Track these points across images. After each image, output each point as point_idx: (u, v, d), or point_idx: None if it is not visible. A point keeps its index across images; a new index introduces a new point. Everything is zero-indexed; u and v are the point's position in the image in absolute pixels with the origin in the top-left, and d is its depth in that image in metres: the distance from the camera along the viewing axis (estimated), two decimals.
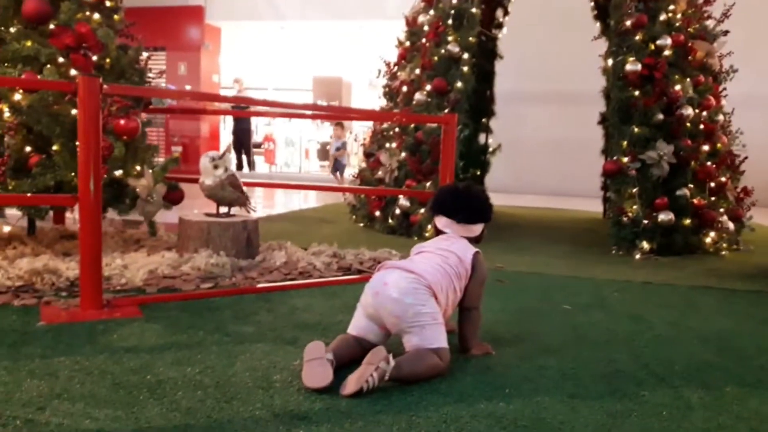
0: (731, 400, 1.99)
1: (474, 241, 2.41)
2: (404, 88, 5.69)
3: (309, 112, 8.07)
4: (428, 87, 5.38)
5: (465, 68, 5.32)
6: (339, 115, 9.32)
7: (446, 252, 2.27)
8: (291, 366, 2.11)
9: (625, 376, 2.16)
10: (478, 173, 7.18)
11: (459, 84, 5.27)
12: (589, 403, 1.91)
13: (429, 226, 4.88)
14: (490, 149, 7.32)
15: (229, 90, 12.66)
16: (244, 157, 12.91)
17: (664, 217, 4.68)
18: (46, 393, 1.82)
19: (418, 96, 5.41)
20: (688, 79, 5.05)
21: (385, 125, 5.93)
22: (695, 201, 4.88)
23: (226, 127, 13.68)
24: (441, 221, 2.43)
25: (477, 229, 2.42)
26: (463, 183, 2.60)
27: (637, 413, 1.85)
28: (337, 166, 10.82)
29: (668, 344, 2.56)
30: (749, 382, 2.15)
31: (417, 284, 2.10)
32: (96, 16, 3.72)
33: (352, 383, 1.88)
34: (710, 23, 5.44)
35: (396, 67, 6.15)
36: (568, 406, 1.88)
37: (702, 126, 5.06)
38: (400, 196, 5.27)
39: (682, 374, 2.20)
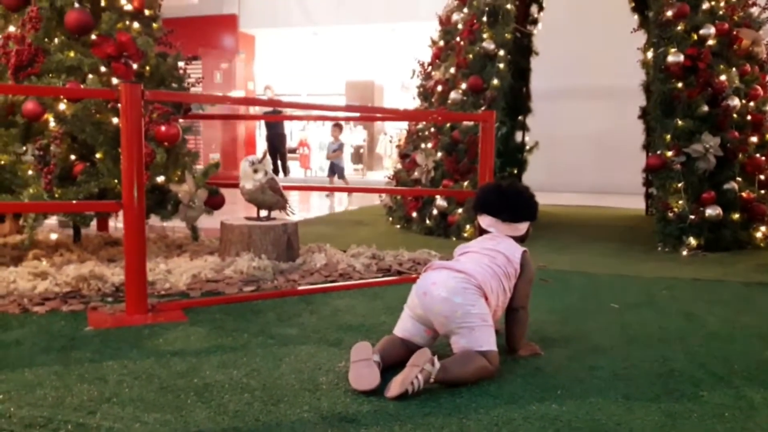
0: None
1: (519, 240, 2.35)
2: (439, 88, 5.65)
3: (342, 114, 8.12)
4: (464, 85, 5.33)
5: (501, 65, 5.25)
6: (373, 117, 9.30)
7: (493, 252, 2.22)
8: (336, 368, 2.09)
9: (681, 375, 2.09)
10: (516, 172, 7.09)
11: (495, 81, 5.20)
12: (645, 404, 1.84)
13: (468, 227, 4.83)
14: (527, 147, 7.22)
15: (261, 98, 12.78)
16: (279, 163, 13.01)
17: (711, 211, 4.54)
18: (96, 397, 1.84)
19: (453, 95, 5.36)
20: (734, 69, 4.90)
21: (420, 125, 5.90)
22: (744, 194, 4.72)
23: (262, 133, 13.82)
24: (485, 220, 2.38)
25: (522, 227, 2.37)
26: (506, 180, 2.55)
27: (697, 414, 1.78)
28: (334, 169, 10.15)
29: (724, 342, 2.46)
30: None
31: (467, 284, 2.06)
32: (135, 25, 3.78)
33: (396, 385, 1.85)
34: (755, 11, 5.27)
35: (430, 67, 6.11)
36: (623, 407, 1.82)
37: (749, 117, 4.91)
38: (437, 197, 5.22)
39: (741, 373, 2.11)
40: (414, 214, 5.51)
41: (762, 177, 4.86)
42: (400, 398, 1.82)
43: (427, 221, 5.34)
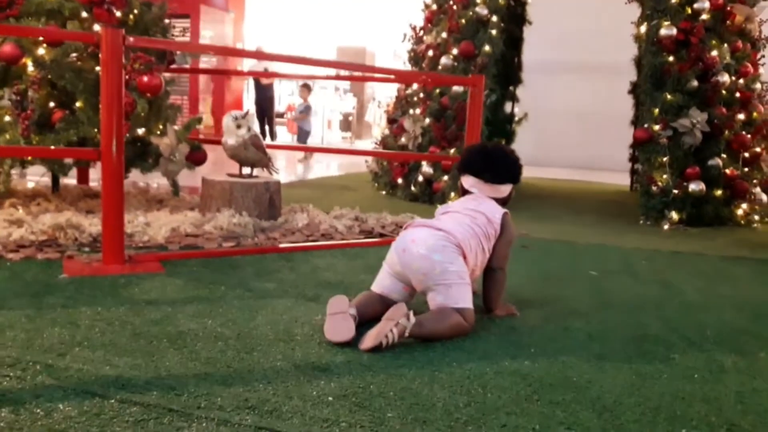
0: (766, 365, 1.92)
1: (501, 202, 2.34)
2: (430, 52, 5.58)
3: (333, 74, 8.03)
4: (455, 51, 5.27)
5: (493, 31, 5.19)
6: (363, 77, 9.18)
7: (474, 212, 2.21)
8: (313, 321, 2.08)
9: (654, 339, 2.10)
10: (503, 142, 7.05)
11: (487, 48, 5.14)
12: (617, 365, 1.86)
13: (452, 194, 4.82)
14: (516, 118, 7.18)
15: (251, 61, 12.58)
16: (266, 127, 12.86)
17: (694, 187, 4.56)
18: (67, 340, 1.82)
19: (444, 60, 5.30)
20: (726, 45, 4.88)
21: (409, 90, 5.83)
22: (728, 171, 4.74)
23: (250, 95, 13.63)
24: (468, 181, 2.36)
25: (505, 189, 2.35)
26: (492, 142, 2.52)
27: (667, 375, 1.80)
28: (300, 133, 9.65)
29: (699, 310, 2.48)
30: None
31: (446, 242, 2.05)
32: None
33: (370, 338, 1.84)
34: None
35: (422, 31, 6.02)
36: (595, 367, 1.83)
37: (738, 94, 4.91)
38: (424, 163, 5.19)
39: (714, 339, 2.13)
40: (399, 181, 5.48)
41: (746, 154, 4.87)
42: (374, 351, 1.82)
43: (413, 188, 5.32)
